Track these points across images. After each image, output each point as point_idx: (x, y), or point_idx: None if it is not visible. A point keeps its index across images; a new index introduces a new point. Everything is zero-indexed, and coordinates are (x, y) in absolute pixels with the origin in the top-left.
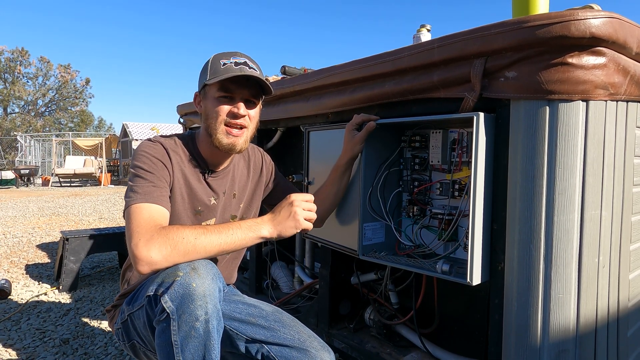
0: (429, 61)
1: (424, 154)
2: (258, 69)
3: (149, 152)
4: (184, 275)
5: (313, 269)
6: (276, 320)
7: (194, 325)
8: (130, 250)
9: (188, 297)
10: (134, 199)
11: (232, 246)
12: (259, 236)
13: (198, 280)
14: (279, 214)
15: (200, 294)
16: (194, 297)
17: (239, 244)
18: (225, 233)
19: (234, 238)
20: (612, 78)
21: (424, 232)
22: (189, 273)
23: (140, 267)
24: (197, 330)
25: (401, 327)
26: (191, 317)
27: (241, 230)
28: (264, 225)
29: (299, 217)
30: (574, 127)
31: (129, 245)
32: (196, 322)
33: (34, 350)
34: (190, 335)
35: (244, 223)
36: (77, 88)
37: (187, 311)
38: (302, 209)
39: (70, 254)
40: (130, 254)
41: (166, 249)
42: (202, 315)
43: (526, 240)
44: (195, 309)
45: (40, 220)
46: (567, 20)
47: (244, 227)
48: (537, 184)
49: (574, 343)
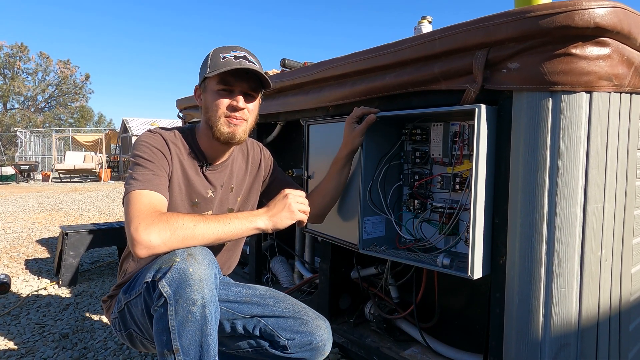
0: (430, 53)
1: (425, 147)
2: (257, 63)
3: (149, 142)
4: (180, 261)
5: (313, 264)
6: (270, 297)
7: (191, 309)
8: (129, 234)
9: (185, 281)
10: (134, 185)
11: (229, 235)
12: (255, 227)
13: (194, 266)
14: (274, 207)
15: (197, 278)
16: (190, 281)
17: (235, 234)
18: (223, 222)
19: (231, 227)
20: (616, 69)
21: (425, 226)
22: (186, 258)
23: (139, 251)
24: (194, 314)
25: (401, 322)
26: (188, 302)
27: (238, 220)
28: (260, 217)
29: (293, 208)
30: (577, 119)
31: (127, 229)
32: (193, 307)
33: (34, 344)
34: (187, 319)
35: (241, 214)
36: (76, 83)
37: (184, 295)
38: (296, 202)
39: (69, 248)
40: (129, 238)
41: (165, 233)
42: (199, 299)
43: (528, 233)
44: (191, 293)
45: (40, 215)
46: (571, 10)
47: (241, 218)
48: (540, 177)
49: (576, 337)
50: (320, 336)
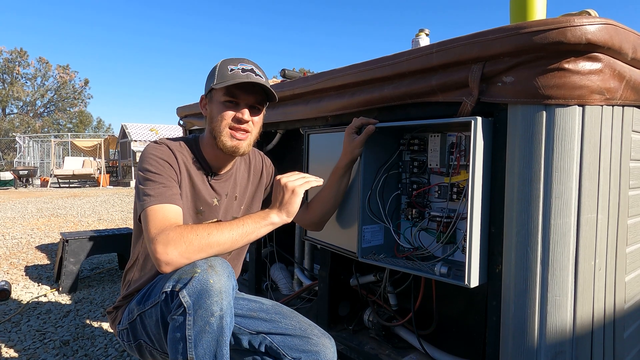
0: (427, 65)
1: (423, 157)
2: (264, 76)
3: (155, 154)
4: (201, 272)
5: (312, 271)
6: (276, 312)
7: (209, 320)
8: (151, 255)
9: (205, 292)
10: (147, 202)
11: (245, 237)
12: (270, 222)
13: (215, 277)
14: (278, 198)
15: (217, 290)
16: (211, 293)
17: (250, 235)
18: (236, 226)
19: (245, 229)
20: (608, 83)
21: (423, 235)
22: (207, 270)
23: (163, 268)
24: (211, 325)
25: (400, 329)
26: (207, 312)
27: (251, 220)
28: (271, 212)
29: (292, 186)
30: (570, 131)
31: (148, 248)
32: (211, 318)
33: (34, 351)
34: (204, 330)
35: (252, 215)
36: (75, 89)
37: (203, 306)
38: (292, 182)
39: (70, 255)
40: (152, 258)
41: (181, 246)
42: (218, 311)
43: (523, 243)
44: (211, 304)
45: (39, 221)
46: (563, 27)
47: (254, 217)
48: (534, 188)
49: (571, 345)
50: (326, 356)
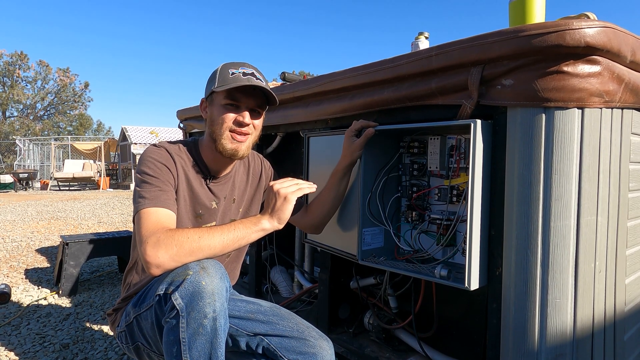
0: (427, 69)
1: (423, 159)
2: (264, 80)
3: (154, 157)
4: (194, 274)
5: (312, 274)
6: (274, 314)
7: (202, 322)
8: (141, 256)
9: (197, 294)
10: (141, 204)
11: (235, 242)
12: (261, 228)
13: (207, 279)
14: (270, 204)
15: (209, 291)
16: (203, 294)
17: (241, 239)
18: (227, 230)
19: (236, 234)
20: (606, 86)
21: (423, 237)
22: (199, 272)
23: (152, 270)
24: (204, 327)
25: (400, 332)
26: (200, 314)
27: (243, 225)
28: (263, 218)
29: (284, 193)
30: (569, 134)
31: (138, 250)
32: (204, 320)
33: (34, 355)
34: (198, 332)
35: (244, 220)
36: (76, 92)
37: (196, 308)
38: (284, 188)
39: (70, 258)
40: (141, 260)
41: (172, 249)
42: (210, 312)
43: (523, 245)
44: (204, 306)
45: (39, 224)
46: (562, 30)
47: (245, 222)
48: (534, 190)
49: (571, 347)
50: (324, 358)
